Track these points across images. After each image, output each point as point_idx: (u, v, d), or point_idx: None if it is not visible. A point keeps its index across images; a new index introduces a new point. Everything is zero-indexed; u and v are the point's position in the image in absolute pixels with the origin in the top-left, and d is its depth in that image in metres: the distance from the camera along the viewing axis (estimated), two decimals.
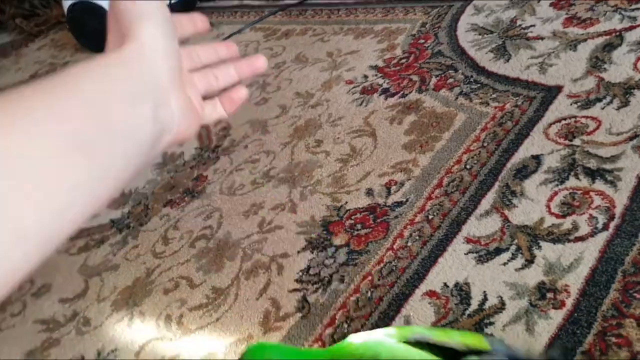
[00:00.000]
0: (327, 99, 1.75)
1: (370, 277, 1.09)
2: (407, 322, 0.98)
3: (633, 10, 1.45)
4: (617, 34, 1.40)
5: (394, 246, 1.14)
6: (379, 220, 1.22)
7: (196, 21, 0.49)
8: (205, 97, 0.48)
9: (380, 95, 1.63)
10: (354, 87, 1.73)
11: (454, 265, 1.05)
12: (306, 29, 2.24)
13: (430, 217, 1.17)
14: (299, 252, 1.23)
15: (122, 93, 0.34)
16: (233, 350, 1.08)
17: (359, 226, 1.22)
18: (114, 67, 0.35)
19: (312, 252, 1.21)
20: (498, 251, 1.03)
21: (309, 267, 1.17)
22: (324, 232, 1.25)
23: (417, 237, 1.14)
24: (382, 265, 1.11)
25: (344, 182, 1.37)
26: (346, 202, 1.30)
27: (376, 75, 1.74)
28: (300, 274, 1.17)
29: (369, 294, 1.06)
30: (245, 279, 1.22)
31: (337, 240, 1.21)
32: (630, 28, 1.40)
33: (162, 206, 1.59)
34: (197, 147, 1.81)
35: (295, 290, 1.14)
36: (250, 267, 1.24)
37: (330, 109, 1.69)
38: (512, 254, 1.02)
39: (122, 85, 0.35)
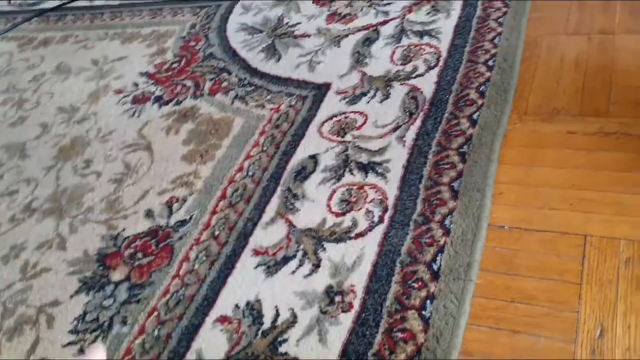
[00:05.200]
0: (94, 112, 1.57)
1: (156, 313, 0.99)
2: (199, 356, 0.90)
3: (385, 5, 1.54)
4: (374, 28, 1.48)
5: (180, 272, 1.05)
6: (161, 245, 1.11)
7: None
8: None
9: (153, 103, 1.51)
10: (124, 97, 1.58)
11: (244, 283, 0.99)
12: (67, 35, 2.00)
13: (216, 233, 1.10)
14: (72, 296, 1.06)
15: None
16: None
17: (139, 255, 1.10)
18: None
19: (88, 294, 1.06)
20: (286, 260, 1.01)
21: (85, 313, 1.02)
22: (100, 267, 1.10)
23: (204, 258, 1.06)
24: (168, 296, 1.01)
25: (119, 206, 1.23)
26: (124, 229, 1.17)
27: (147, 82, 1.60)
28: (76, 322, 1.01)
29: (155, 332, 0.96)
30: (8, 340, 1.02)
31: (116, 275, 1.08)
32: (384, 22, 1.48)
33: None
34: None
35: (70, 343, 0.98)
36: (13, 325, 1.05)
37: (99, 123, 1.52)
38: (300, 261, 1.00)
39: None
